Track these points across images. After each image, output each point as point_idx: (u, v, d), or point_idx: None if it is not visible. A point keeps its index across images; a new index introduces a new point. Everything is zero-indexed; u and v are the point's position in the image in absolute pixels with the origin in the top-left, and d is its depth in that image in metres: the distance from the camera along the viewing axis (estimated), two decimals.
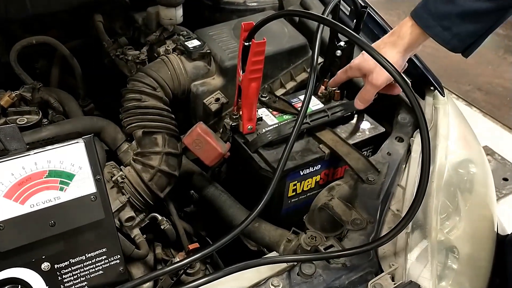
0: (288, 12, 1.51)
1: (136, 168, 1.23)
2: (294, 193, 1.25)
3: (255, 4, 1.64)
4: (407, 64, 1.24)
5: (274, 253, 1.10)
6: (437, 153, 1.19)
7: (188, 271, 1.25)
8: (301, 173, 1.23)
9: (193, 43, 1.38)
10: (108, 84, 1.58)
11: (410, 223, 1.00)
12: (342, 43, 1.32)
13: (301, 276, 0.97)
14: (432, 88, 1.37)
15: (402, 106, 1.37)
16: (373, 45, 1.20)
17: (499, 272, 1.21)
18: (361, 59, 1.20)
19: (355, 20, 1.29)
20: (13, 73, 1.38)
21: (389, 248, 1.05)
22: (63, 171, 0.86)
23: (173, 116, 1.31)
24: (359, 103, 1.23)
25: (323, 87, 1.37)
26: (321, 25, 1.10)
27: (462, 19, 1.04)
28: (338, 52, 1.32)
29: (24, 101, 1.31)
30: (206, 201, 1.32)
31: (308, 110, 1.31)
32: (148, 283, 1.19)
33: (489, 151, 2.97)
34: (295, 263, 0.99)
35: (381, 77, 1.16)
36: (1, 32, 1.47)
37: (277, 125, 1.28)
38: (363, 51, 1.20)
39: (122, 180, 1.21)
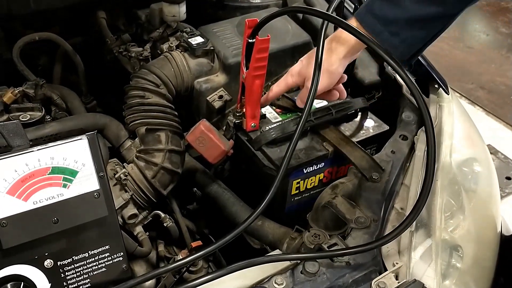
0: (292, 9, 1.50)
1: (139, 165, 1.23)
2: (297, 191, 1.25)
3: (258, 1, 1.64)
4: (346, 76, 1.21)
5: (277, 251, 1.10)
6: (441, 152, 1.18)
7: (190, 268, 1.24)
8: (305, 171, 1.22)
9: (197, 40, 1.37)
10: (109, 82, 1.58)
11: (414, 221, 0.99)
12: None
13: (305, 274, 0.97)
14: (436, 86, 1.36)
15: (406, 104, 1.36)
16: (309, 53, 1.19)
17: (504, 271, 1.20)
18: (301, 66, 1.19)
19: None
20: (15, 69, 1.37)
21: (393, 246, 1.04)
22: (67, 167, 0.86)
23: (176, 113, 1.31)
24: (300, 102, 1.22)
25: None
26: (326, 22, 1.10)
27: (410, 25, 1.00)
28: None
29: (27, 97, 1.31)
30: (209, 199, 1.32)
31: (312, 108, 1.31)
32: (150, 280, 1.19)
33: (492, 150, 2.96)
34: (299, 261, 0.98)
35: (321, 85, 1.12)
36: (3, 28, 1.47)
37: (280, 122, 1.28)
38: (301, 58, 1.20)
39: (125, 177, 1.21)
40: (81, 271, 0.90)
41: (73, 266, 0.90)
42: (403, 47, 1.03)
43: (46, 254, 0.87)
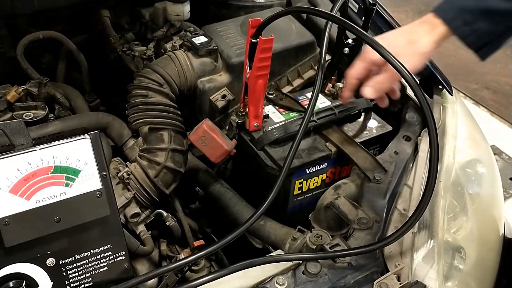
0: (296, 9, 1.49)
1: (142, 164, 1.23)
2: (300, 191, 1.24)
3: (262, 0, 1.63)
4: None
5: (279, 252, 1.10)
6: (445, 153, 1.18)
7: (192, 268, 1.25)
8: (307, 171, 1.22)
9: (200, 39, 1.37)
10: (112, 81, 1.58)
11: (417, 222, 0.99)
12: (350, 41, 1.31)
13: (307, 274, 0.96)
14: (440, 86, 1.36)
15: (410, 104, 1.35)
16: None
17: (506, 272, 1.20)
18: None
19: (363, 18, 1.28)
20: (19, 68, 1.38)
21: (395, 247, 1.04)
22: (69, 167, 0.86)
23: (179, 112, 1.31)
24: (371, 91, 1.11)
25: (330, 85, 1.36)
26: (329, 23, 1.09)
27: (484, 15, 1.03)
28: (346, 50, 1.31)
29: (31, 96, 1.31)
30: (211, 198, 1.32)
31: (315, 108, 1.31)
32: (153, 279, 1.19)
33: (496, 151, 2.95)
34: (301, 261, 0.98)
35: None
36: (7, 27, 1.47)
37: (283, 122, 1.28)
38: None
39: (128, 176, 1.21)
40: (83, 270, 0.91)
41: (75, 265, 0.90)
42: (473, 37, 1.04)
43: (48, 252, 0.87)
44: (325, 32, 1.09)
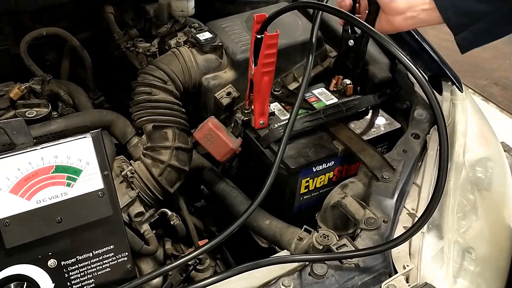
0: (302, 4, 1.47)
1: (146, 162, 1.22)
2: (306, 190, 1.23)
3: None
4: None
5: (285, 252, 1.08)
6: (454, 151, 1.16)
7: (197, 267, 1.24)
8: (314, 170, 1.20)
9: (205, 35, 1.35)
10: (117, 78, 1.57)
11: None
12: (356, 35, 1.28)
13: (313, 276, 0.95)
14: (450, 83, 1.33)
15: (419, 101, 1.33)
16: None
17: None
18: None
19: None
20: (23, 65, 1.37)
21: (403, 248, 1.02)
22: (70, 166, 0.84)
23: (183, 110, 1.29)
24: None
25: (334, 81, 1.34)
26: (319, 13, 1.10)
27: None
28: (351, 42, 1.28)
29: (34, 93, 1.30)
30: (216, 197, 1.30)
31: (322, 105, 1.29)
32: (157, 279, 1.18)
33: (506, 148, 2.92)
34: (307, 262, 0.96)
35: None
36: (10, 23, 1.46)
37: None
38: None
39: (132, 175, 1.20)
40: (85, 271, 0.89)
41: (77, 266, 0.88)
42: (450, 13, 0.99)
43: (50, 253, 0.86)
44: (315, 22, 1.10)
